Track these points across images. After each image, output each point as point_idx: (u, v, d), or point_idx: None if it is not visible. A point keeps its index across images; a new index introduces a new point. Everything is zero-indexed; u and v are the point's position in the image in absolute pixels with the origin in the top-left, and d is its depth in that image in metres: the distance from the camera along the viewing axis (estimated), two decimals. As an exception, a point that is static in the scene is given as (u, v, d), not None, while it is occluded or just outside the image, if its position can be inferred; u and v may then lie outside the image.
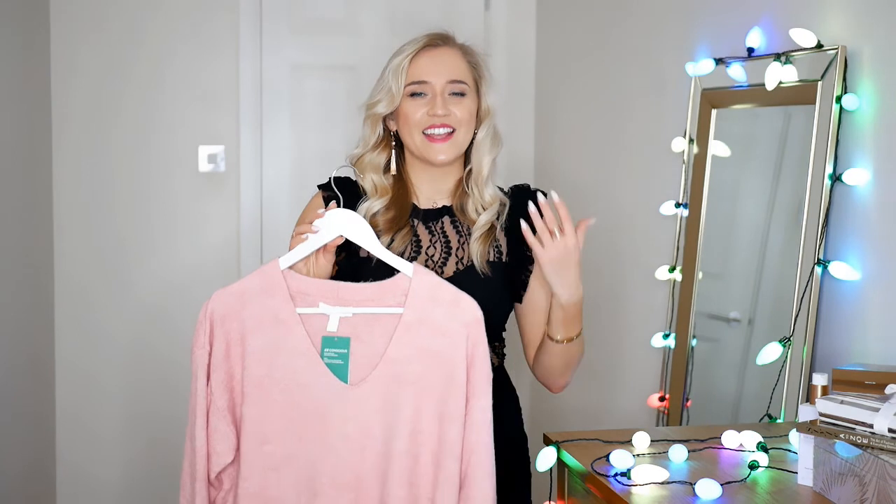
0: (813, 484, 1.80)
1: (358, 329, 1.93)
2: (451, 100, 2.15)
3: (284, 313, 1.92)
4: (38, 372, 3.55)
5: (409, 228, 2.16)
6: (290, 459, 1.90)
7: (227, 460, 1.92)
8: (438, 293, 1.94)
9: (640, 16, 3.16)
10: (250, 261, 3.78)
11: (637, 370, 3.06)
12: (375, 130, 2.20)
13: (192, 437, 1.93)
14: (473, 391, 1.91)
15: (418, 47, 2.17)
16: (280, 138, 3.84)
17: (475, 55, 2.23)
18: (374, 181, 2.19)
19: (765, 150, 2.55)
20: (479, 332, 1.93)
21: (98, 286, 3.70)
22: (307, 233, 1.99)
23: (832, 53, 2.23)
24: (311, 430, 1.90)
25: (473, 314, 1.93)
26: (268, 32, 3.80)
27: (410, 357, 1.90)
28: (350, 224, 2.00)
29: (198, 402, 1.92)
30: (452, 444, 1.89)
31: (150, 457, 3.75)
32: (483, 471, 1.91)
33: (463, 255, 2.15)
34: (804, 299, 2.26)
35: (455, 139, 2.14)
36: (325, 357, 1.92)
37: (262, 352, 1.91)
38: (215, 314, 1.94)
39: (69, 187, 3.67)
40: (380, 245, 2.02)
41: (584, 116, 3.54)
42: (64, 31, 3.64)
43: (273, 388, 1.91)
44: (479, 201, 2.17)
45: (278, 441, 1.90)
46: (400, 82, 2.15)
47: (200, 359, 1.93)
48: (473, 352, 1.92)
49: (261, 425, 1.90)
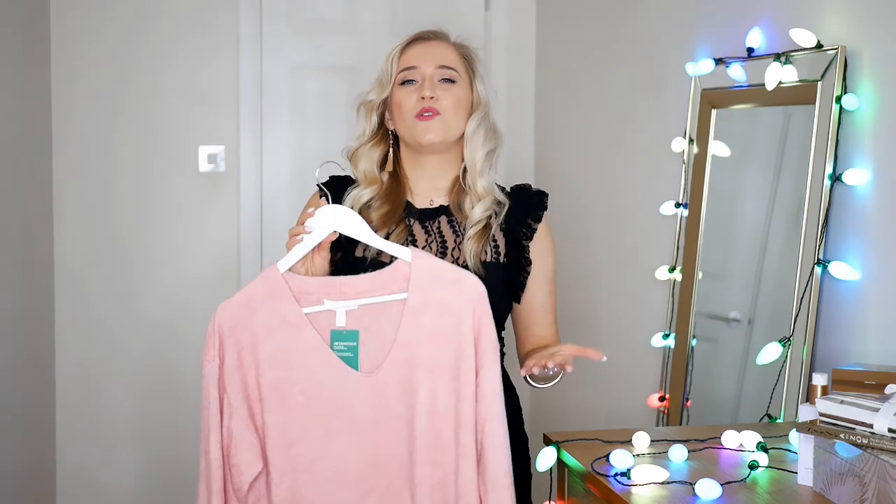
0: (813, 484, 1.80)
1: (365, 320, 1.94)
2: (441, 85, 2.15)
3: (291, 315, 1.93)
4: (39, 373, 3.55)
5: (404, 227, 2.16)
6: (320, 457, 1.92)
7: (258, 468, 1.92)
8: (440, 274, 1.95)
9: (640, 16, 3.16)
10: (250, 261, 3.78)
11: (637, 370, 3.06)
12: (370, 120, 2.20)
13: (206, 451, 1.93)
14: (482, 363, 1.93)
15: (410, 39, 2.21)
16: (280, 138, 3.84)
17: (467, 49, 2.24)
18: (365, 171, 2.20)
19: (765, 150, 2.55)
20: (483, 306, 1.94)
21: (98, 285, 3.70)
22: (301, 234, 1.99)
23: (832, 53, 2.23)
24: (336, 425, 1.92)
25: (477, 290, 1.95)
26: (268, 33, 3.80)
27: (420, 339, 1.92)
28: (340, 218, 2.01)
29: (210, 416, 1.93)
30: (466, 418, 1.91)
31: (152, 458, 3.75)
32: (497, 440, 1.92)
33: (459, 255, 2.15)
34: (804, 299, 2.26)
35: (443, 118, 2.13)
36: (336, 350, 1.93)
37: (276, 356, 1.92)
38: (223, 326, 1.94)
39: (69, 187, 3.66)
40: (373, 234, 2.02)
41: (584, 116, 3.54)
42: (64, 31, 3.64)
43: (292, 390, 1.92)
44: (474, 196, 2.16)
45: (305, 442, 1.92)
46: (391, 70, 2.17)
47: (211, 372, 1.94)
48: (480, 325, 1.94)
49: (285, 429, 1.91)
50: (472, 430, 1.91)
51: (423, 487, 1.90)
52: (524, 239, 2.18)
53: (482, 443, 1.92)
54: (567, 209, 3.50)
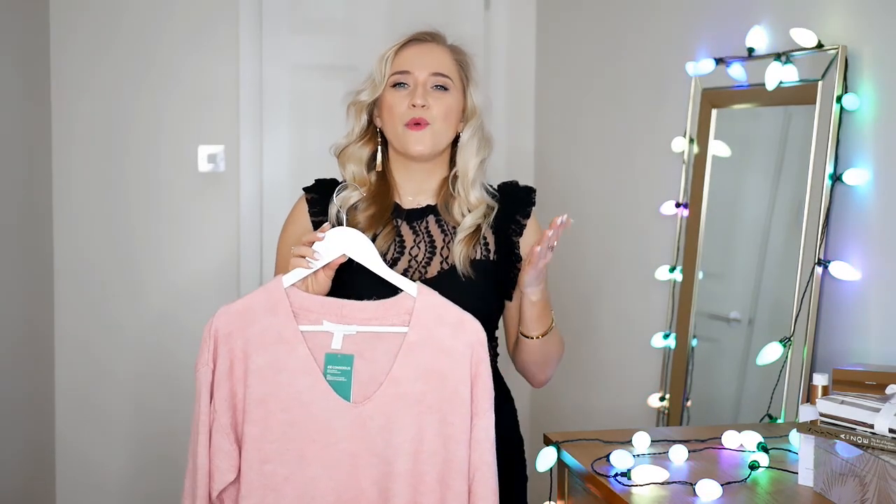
0: (813, 484, 1.80)
1: (362, 347, 1.92)
2: (433, 93, 2.12)
3: (288, 331, 1.92)
4: (38, 364, 3.55)
5: (392, 228, 2.14)
6: (290, 479, 1.89)
7: (230, 478, 1.91)
8: (443, 313, 1.93)
9: (640, 16, 3.16)
10: (250, 261, 3.78)
11: (637, 370, 3.06)
12: (360, 120, 2.18)
13: (194, 454, 1.92)
14: (476, 410, 1.91)
15: (406, 40, 2.18)
16: (280, 138, 3.84)
17: (463, 54, 2.21)
18: (354, 172, 2.18)
19: (765, 150, 2.55)
20: (482, 352, 1.93)
21: (98, 285, 3.70)
22: (308, 257, 1.97)
23: (832, 53, 2.23)
24: (313, 449, 1.89)
25: (477, 335, 1.93)
26: (268, 33, 3.80)
27: (414, 377, 1.89)
28: (354, 243, 1.99)
29: (200, 420, 1.92)
30: (460, 463, 1.89)
31: (151, 446, 3.75)
32: (487, 489, 1.90)
33: (448, 255, 2.13)
34: (804, 299, 2.26)
35: (432, 129, 2.11)
36: (328, 374, 1.91)
37: (265, 370, 1.90)
38: (219, 332, 1.93)
39: (69, 187, 3.66)
40: (384, 264, 2.01)
41: (584, 116, 3.54)
42: (64, 31, 3.63)
43: (275, 406, 1.90)
44: (464, 203, 2.14)
45: (278, 460, 1.89)
46: (384, 71, 2.14)
47: (204, 377, 1.93)
48: (476, 371, 1.91)
49: (261, 444, 1.89)
50: (466, 476, 1.89)
51: None
52: (514, 235, 2.16)
53: (473, 491, 1.90)
54: (567, 209, 3.48)
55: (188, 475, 1.94)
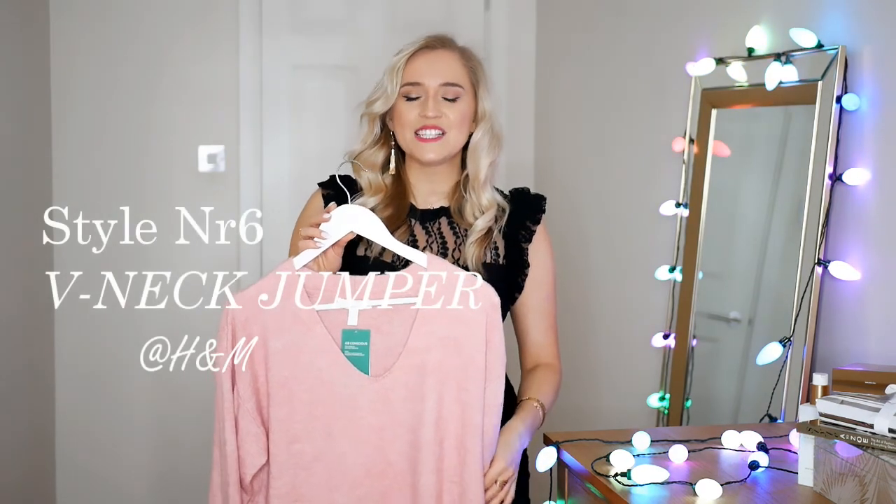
0: (813, 484, 1.80)
1: (378, 321, 1.94)
2: (445, 103, 2.14)
3: (303, 312, 1.94)
4: (38, 375, 3.55)
5: (406, 227, 2.16)
6: (320, 456, 1.92)
7: (261, 461, 1.93)
8: (455, 281, 1.95)
9: (640, 16, 3.16)
10: (250, 261, 3.78)
11: (637, 370, 3.06)
12: (373, 129, 2.20)
13: (221, 442, 1.94)
14: (489, 375, 1.93)
15: (415, 48, 2.18)
16: (280, 138, 3.84)
17: (473, 59, 2.21)
18: (370, 178, 2.20)
19: (765, 150, 2.55)
20: (496, 317, 1.95)
21: (98, 285, 3.69)
22: (315, 237, 1.99)
23: (832, 53, 2.23)
24: (339, 425, 1.92)
25: (490, 299, 1.95)
26: (268, 33, 3.80)
27: (431, 346, 1.92)
28: (359, 218, 2.00)
29: (224, 408, 1.93)
30: (476, 427, 1.91)
31: (152, 460, 3.75)
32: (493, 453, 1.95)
33: (459, 257, 2.15)
34: (804, 299, 2.26)
35: (446, 140, 2.14)
36: (346, 350, 1.93)
37: (285, 352, 1.93)
38: (236, 319, 1.95)
39: (69, 187, 3.66)
40: (391, 237, 2.02)
41: (584, 116, 3.54)
42: (64, 31, 3.63)
43: (298, 387, 1.92)
44: (476, 206, 2.17)
45: (307, 439, 1.92)
46: (395, 83, 2.15)
47: (225, 364, 1.94)
48: (490, 336, 1.94)
49: (288, 425, 1.92)
50: (480, 437, 1.91)
51: (426, 497, 1.90)
52: (523, 241, 2.19)
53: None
54: (567, 209, 3.50)
55: (215, 467, 1.96)
